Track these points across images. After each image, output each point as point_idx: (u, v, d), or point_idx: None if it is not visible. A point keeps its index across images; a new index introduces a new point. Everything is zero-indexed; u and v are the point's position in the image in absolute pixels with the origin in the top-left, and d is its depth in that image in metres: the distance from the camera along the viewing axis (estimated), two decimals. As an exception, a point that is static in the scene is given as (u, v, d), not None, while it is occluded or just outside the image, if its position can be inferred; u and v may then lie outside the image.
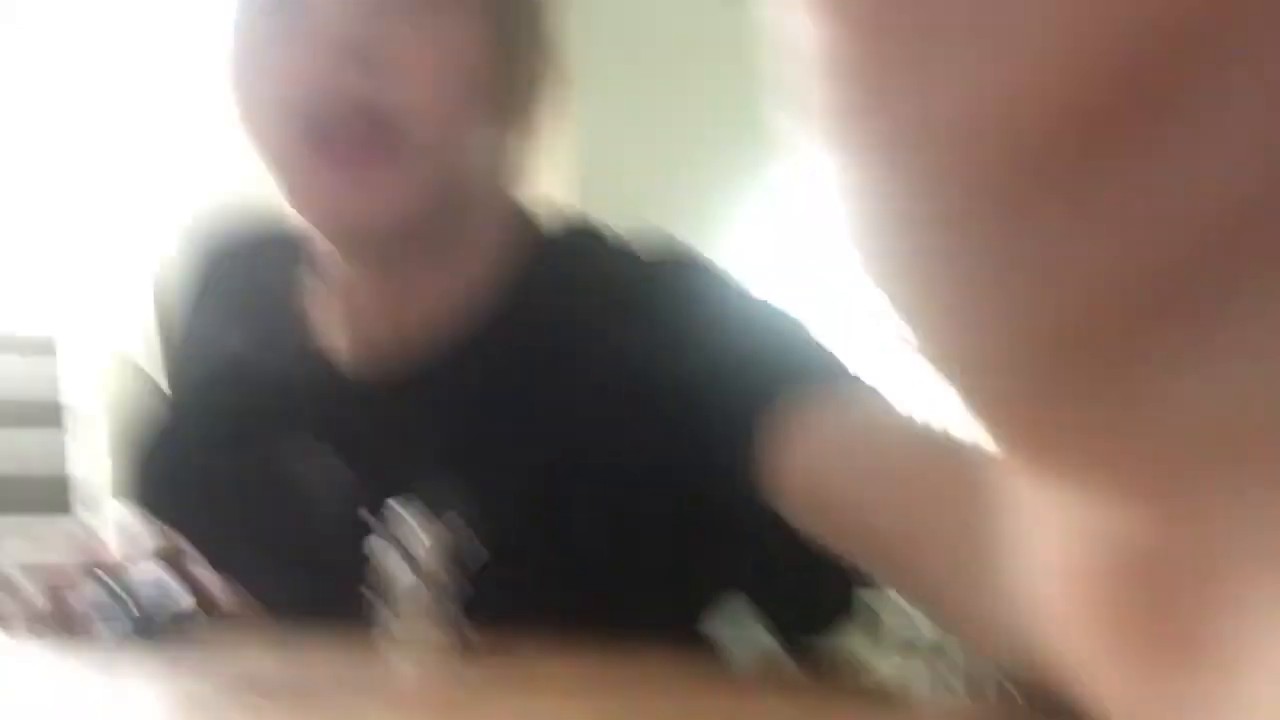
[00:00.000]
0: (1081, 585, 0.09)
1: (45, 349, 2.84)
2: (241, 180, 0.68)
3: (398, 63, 0.54)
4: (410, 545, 0.41)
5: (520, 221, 0.65)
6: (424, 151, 0.55)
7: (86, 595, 0.48)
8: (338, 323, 0.65)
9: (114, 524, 0.57)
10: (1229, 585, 0.08)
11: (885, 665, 0.64)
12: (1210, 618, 0.08)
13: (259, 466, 0.66)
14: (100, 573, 0.49)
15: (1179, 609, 0.09)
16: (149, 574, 0.49)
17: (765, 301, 0.60)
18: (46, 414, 2.80)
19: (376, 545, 0.42)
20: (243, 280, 0.78)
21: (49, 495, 2.63)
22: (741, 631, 0.69)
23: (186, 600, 0.50)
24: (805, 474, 0.49)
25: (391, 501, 0.56)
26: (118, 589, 0.48)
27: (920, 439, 0.45)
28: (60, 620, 0.48)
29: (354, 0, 0.54)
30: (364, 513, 0.61)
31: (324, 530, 0.64)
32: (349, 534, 0.63)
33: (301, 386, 0.66)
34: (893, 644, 0.65)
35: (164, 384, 0.77)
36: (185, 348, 0.78)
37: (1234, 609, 0.08)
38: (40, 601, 0.52)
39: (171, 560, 0.53)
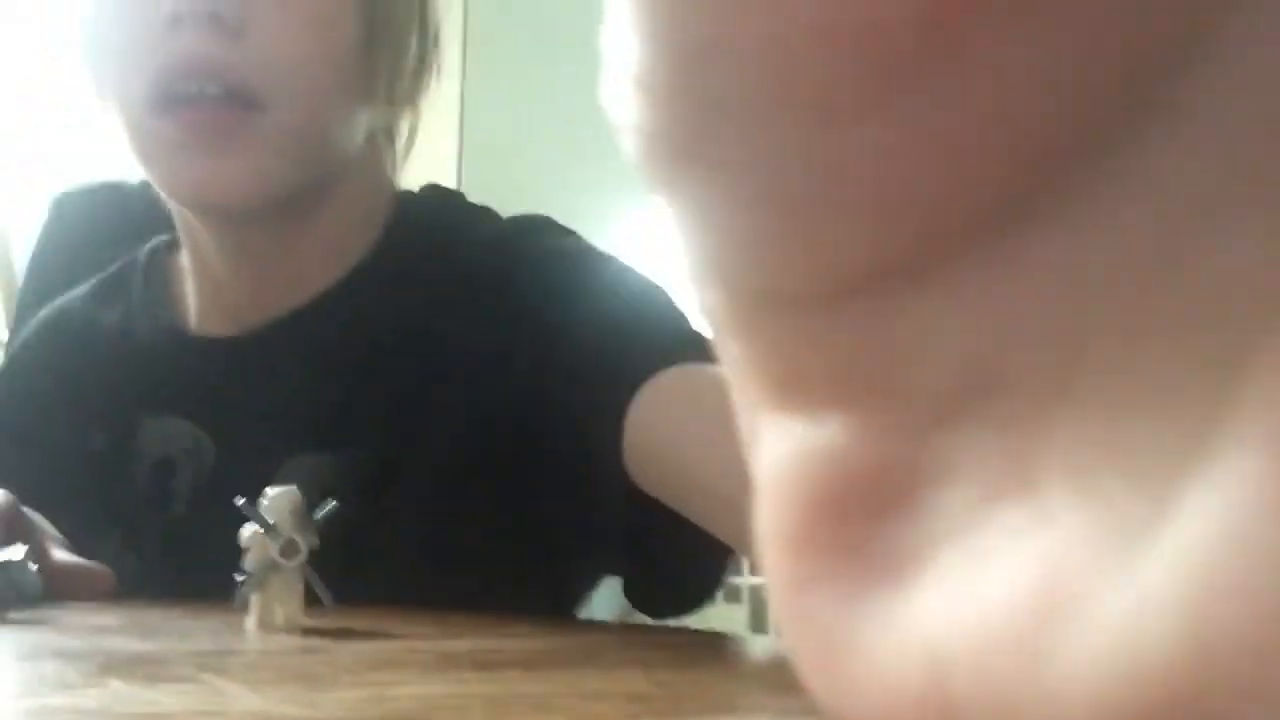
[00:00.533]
0: (773, 499, 0.10)
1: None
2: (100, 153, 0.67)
3: (256, 34, 0.53)
4: (266, 513, 0.41)
5: (384, 191, 0.65)
6: (287, 129, 0.54)
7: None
8: (195, 289, 0.63)
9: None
10: (911, 495, 0.09)
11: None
12: (888, 527, 0.09)
13: (114, 439, 0.65)
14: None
15: (858, 518, 0.09)
16: (3, 555, 0.48)
17: (629, 268, 0.61)
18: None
19: (237, 514, 0.41)
20: (97, 246, 0.76)
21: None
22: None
23: (39, 581, 0.49)
24: (656, 444, 0.50)
25: (248, 469, 0.55)
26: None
27: None
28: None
29: None
30: (220, 482, 0.61)
31: (181, 503, 0.63)
32: (206, 506, 0.62)
33: (155, 354, 0.65)
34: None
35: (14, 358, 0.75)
36: (34, 315, 0.76)
37: (912, 518, 0.09)
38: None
39: (27, 541, 0.52)
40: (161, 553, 0.63)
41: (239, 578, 0.43)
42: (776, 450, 0.10)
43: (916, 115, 0.08)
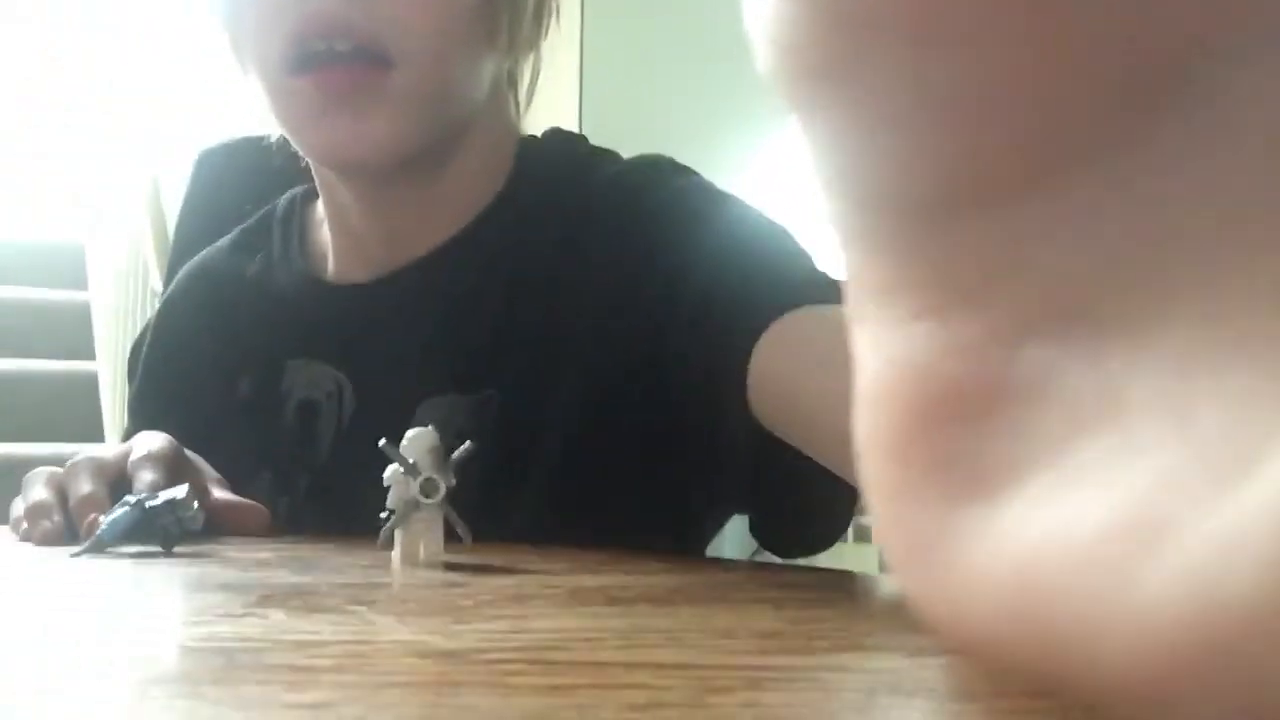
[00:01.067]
0: (870, 409, 0.10)
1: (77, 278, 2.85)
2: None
3: None
4: (406, 453, 0.43)
5: (510, 136, 0.67)
6: (410, 78, 0.56)
7: (112, 516, 0.50)
8: (333, 239, 0.67)
9: (136, 446, 0.59)
10: (1003, 411, 0.09)
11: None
12: (982, 441, 0.09)
13: (260, 385, 0.68)
14: (128, 497, 0.51)
15: (951, 429, 0.09)
16: (167, 494, 0.51)
17: (751, 208, 0.60)
18: (79, 345, 2.83)
19: (377, 454, 0.43)
20: (239, 200, 0.79)
21: (82, 427, 2.68)
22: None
23: (201, 517, 0.52)
24: (781, 384, 0.49)
25: (385, 410, 0.57)
26: (138, 511, 0.50)
27: None
28: (87, 538, 0.50)
29: None
30: (360, 423, 0.63)
31: (325, 443, 0.65)
32: (348, 446, 0.65)
33: (296, 301, 0.68)
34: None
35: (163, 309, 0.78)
36: (184, 264, 0.79)
37: (1005, 434, 0.09)
38: (69, 523, 0.54)
39: (189, 480, 0.55)
40: (308, 492, 0.66)
41: (383, 515, 0.45)
42: (876, 362, 0.10)
43: (1025, 42, 0.08)
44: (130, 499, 0.50)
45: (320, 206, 0.70)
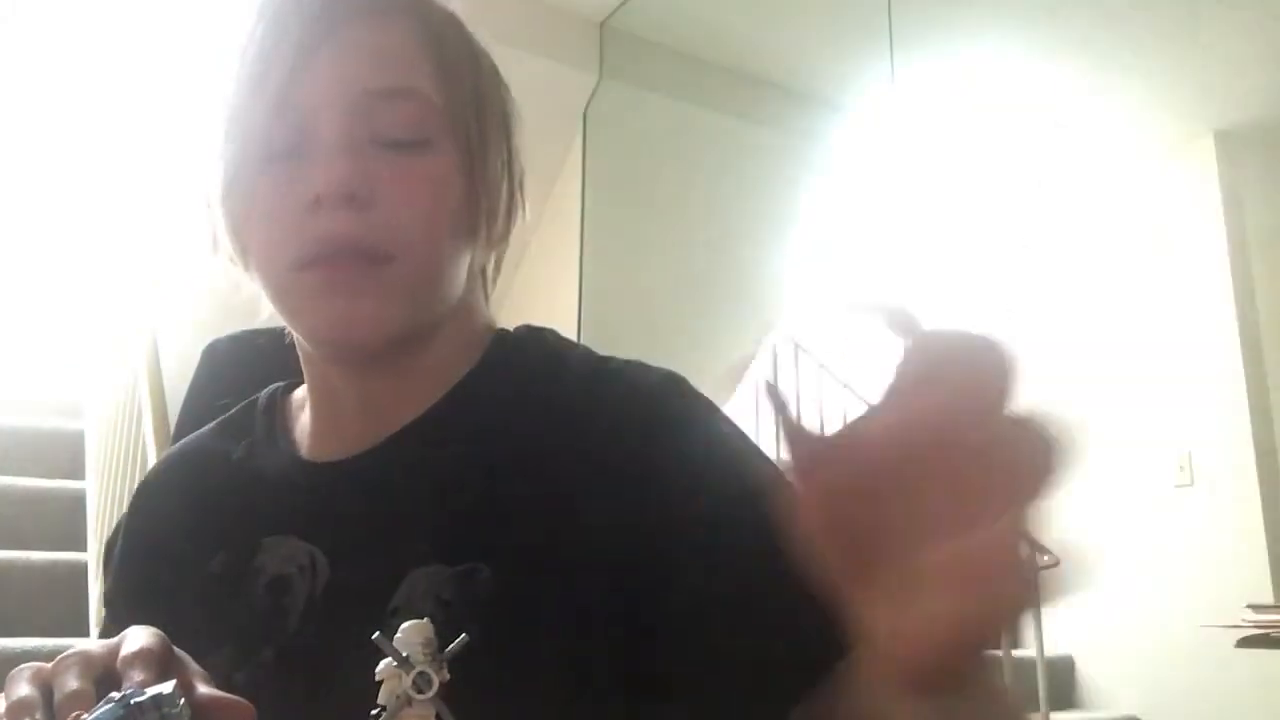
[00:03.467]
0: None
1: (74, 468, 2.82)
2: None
3: (383, 204, 0.60)
4: (400, 646, 0.42)
5: (480, 321, 0.71)
6: (403, 271, 0.61)
7: (97, 713, 0.49)
8: (313, 418, 0.69)
9: (126, 641, 0.58)
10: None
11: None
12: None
13: (233, 562, 0.68)
14: (113, 694, 0.50)
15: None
16: (153, 690, 0.50)
17: (731, 421, 0.63)
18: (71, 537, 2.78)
19: (350, 631, 0.43)
20: (239, 390, 0.81)
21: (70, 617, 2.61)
22: None
23: (188, 714, 0.51)
24: None
25: (361, 583, 0.57)
26: (122, 708, 0.48)
27: None
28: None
29: (342, 150, 0.60)
30: (335, 596, 0.62)
31: (294, 617, 0.64)
32: (320, 620, 0.63)
33: (274, 480, 0.69)
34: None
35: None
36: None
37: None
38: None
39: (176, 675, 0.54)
40: (274, 665, 0.64)
41: (374, 713, 0.44)
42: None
43: None
44: (115, 695, 0.49)
45: (298, 395, 0.73)
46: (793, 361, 4.27)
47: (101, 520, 2.97)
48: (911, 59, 3.43)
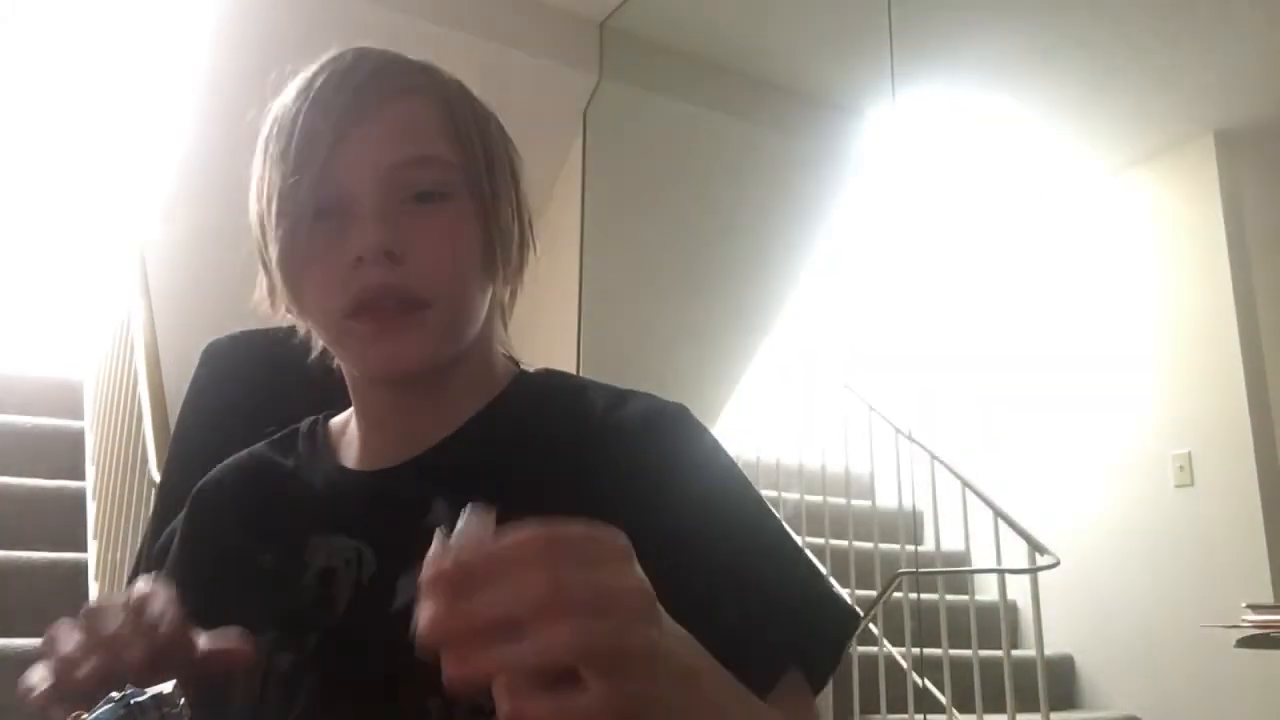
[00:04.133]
0: None
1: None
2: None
3: (415, 257, 0.71)
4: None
5: (499, 348, 0.83)
6: (439, 312, 0.72)
7: (97, 713, 0.49)
8: (358, 435, 0.81)
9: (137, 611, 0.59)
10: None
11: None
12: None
13: (283, 557, 0.75)
14: (113, 694, 0.50)
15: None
16: (154, 690, 0.50)
17: (727, 454, 0.75)
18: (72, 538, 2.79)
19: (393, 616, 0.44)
20: (241, 390, 0.85)
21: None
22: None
23: (188, 712, 0.51)
24: None
25: (406, 572, 0.67)
26: (123, 708, 0.49)
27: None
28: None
29: (377, 216, 0.70)
30: (380, 584, 0.68)
31: (341, 605, 0.73)
32: (366, 606, 0.69)
33: (323, 488, 0.80)
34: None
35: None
36: (188, 453, 0.83)
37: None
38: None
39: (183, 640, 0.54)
40: (319, 651, 0.71)
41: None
42: None
43: None
44: (115, 695, 0.49)
45: (336, 422, 0.85)
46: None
47: (102, 520, 2.97)
48: (912, 58, 3.43)
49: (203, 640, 0.63)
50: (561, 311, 3.34)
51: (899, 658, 3.50)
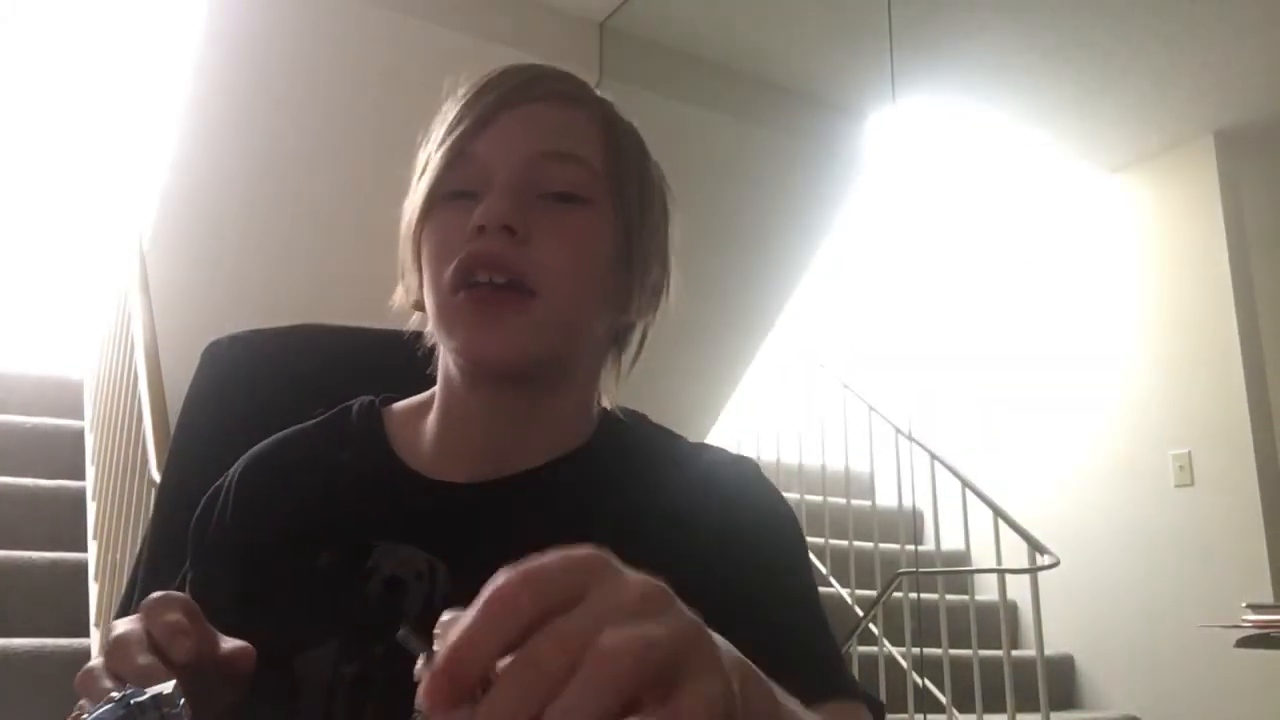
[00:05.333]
0: None
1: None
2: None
3: (536, 243, 0.70)
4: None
5: (598, 390, 0.80)
6: (545, 307, 0.70)
7: (97, 712, 0.49)
8: (439, 438, 0.77)
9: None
10: None
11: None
12: None
13: (343, 560, 0.72)
14: (113, 693, 0.50)
15: None
16: (154, 690, 0.50)
17: (786, 502, 0.79)
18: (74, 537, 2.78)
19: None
20: (243, 389, 0.82)
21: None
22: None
23: (188, 714, 0.51)
24: None
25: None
26: (122, 708, 0.49)
27: None
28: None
29: (507, 192, 0.69)
30: (455, 602, 0.67)
31: (411, 620, 0.68)
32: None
33: (391, 491, 0.76)
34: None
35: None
36: (187, 454, 0.80)
37: None
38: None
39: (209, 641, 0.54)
40: (386, 663, 0.68)
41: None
42: None
43: None
44: (115, 695, 0.49)
45: (399, 409, 0.80)
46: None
47: (102, 520, 2.97)
48: (912, 58, 3.43)
49: (222, 641, 0.59)
50: (561, 311, 3.33)
51: (899, 657, 3.50)
